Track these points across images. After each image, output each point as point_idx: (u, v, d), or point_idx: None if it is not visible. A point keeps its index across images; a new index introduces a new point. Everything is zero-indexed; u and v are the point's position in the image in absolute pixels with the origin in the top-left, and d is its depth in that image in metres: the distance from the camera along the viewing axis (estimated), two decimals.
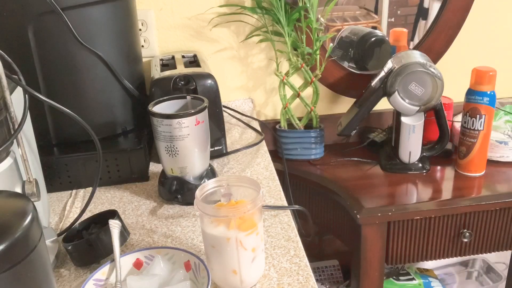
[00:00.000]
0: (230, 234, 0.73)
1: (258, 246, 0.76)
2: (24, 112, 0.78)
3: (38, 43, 1.02)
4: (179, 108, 1.01)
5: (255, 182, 0.77)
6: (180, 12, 1.47)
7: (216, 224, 0.74)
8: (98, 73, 1.09)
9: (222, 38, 1.51)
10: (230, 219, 0.73)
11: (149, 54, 1.46)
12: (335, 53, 1.61)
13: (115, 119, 1.15)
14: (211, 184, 0.78)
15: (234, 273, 0.75)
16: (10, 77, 0.76)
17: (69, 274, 0.83)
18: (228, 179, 0.79)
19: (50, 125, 1.09)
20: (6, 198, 0.64)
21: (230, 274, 0.75)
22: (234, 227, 0.73)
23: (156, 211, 1.01)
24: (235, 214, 0.73)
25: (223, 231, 0.73)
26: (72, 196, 1.07)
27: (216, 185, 0.79)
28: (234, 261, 0.74)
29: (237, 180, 0.79)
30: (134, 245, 0.90)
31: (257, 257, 0.76)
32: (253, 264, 0.75)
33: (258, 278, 0.79)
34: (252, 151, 1.25)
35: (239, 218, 0.73)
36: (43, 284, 0.61)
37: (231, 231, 0.73)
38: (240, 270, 0.75)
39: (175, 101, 1.02)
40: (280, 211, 0.99)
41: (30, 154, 0.83)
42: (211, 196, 0.78)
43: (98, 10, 1.05)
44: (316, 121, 1.56)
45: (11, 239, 0.54)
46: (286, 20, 1.41)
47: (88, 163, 1.07)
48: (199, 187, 0.77)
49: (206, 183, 0.78)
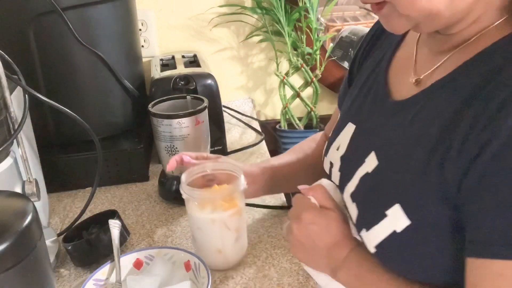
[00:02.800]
0: (214, 215, 0.78)
1: (241, 227, 0.81)
2: (24, 112, 0.78)
3: (38, 43, 1.02)
4: (179, 108, 1.01)
5: (237, 167, 0.83)
6: (180, 12, 1.47)
7: (202, 207, 0.79)
8: (98, 73, 1.09)
9: (222, 38, 1.51)
10: (214, 202, 0.78)
11: (149, 54, 1.46)
12: (335, 53, 1.61)
13: (115, 119, 1.15)
14: (196, 170, 0.83)
15: (219, 252, 0.80)
16: (10, 77, 0.76)
17: (69, 274, 0.83)
18: (212, 165, 0.85)
19: (50, 125, 1.09)
20: (6, 198, 0.64)
21: (215, 253, 0.80)
22: (218, 209, 0.78)
23: (156, 211, 1.01)
24: (218, 196, 0.78)
25: (208, 213, 0.78)
26: (72, 196, 1.07)
27: (201, 171, 0.84)
28: (219, 241, 0.80)
29: (219, 165, 0.85)
30: (134, 245, 0.90)
31: (240, 237, 0.81)
32: (236, 243, 0.81)
33: (241, 257, 0.83)
34: (252, 151, 1.25)
35: (222, 200, 0.78)
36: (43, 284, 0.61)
37: (215, 213, 0.78)
38: (224, 249, 0.80)
39: (175, 101, 1.02)
40: (280, 211, 0.99)
41: (30, 154, 0.83)
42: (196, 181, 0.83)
43: (98, 10, 1.05)
44: (316, 121, 1.56)
45: (11, 239, 0.54)
46: (286, 20, 1.41)
47: (88, 163, 1.07)
48: (184, 173, 0.82)
49: (191, 169, 0.83)
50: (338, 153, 0.72)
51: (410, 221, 0.56)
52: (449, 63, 0.59)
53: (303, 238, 0.67)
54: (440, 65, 0.60)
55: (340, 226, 0.66)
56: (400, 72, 0.67)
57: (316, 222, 0.66)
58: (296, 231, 0.67)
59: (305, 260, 0.69)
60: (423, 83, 0.62)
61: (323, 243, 0.65)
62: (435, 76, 0.60)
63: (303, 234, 0.67)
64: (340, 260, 0.64)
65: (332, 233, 0.65)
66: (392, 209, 0.57)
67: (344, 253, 0.64)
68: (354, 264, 0.64)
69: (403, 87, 0.65)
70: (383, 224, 0.58)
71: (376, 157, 0.63)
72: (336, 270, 0.65)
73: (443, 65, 0.60)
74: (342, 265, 0.64)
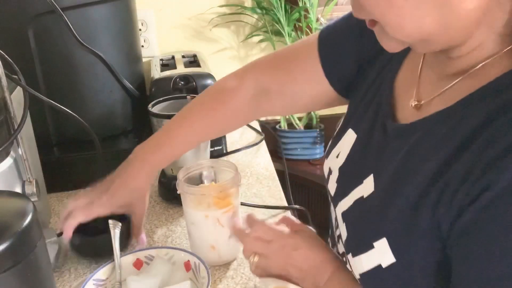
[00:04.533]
0: (208, 212, 0.79)
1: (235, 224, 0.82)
2: (24, 112, 0.78)
3: (38, 43, 1.02)
4: (179, 108, 1.01)
5: (232, 165, 0.84)
6: (180, 12, 1.47)
7: (197, 203, 0.80)
8: (98, 73, 1.08)
9: (222, 38, 1.51)
10: (208, 198, 0.79)
11: (149, 54, 1.46)
12: None
13: (115, 119, 1.15)
14: (193, 168, 0.85)
15: (212, 248, 0.81)
16: (10, 77, 0.76)
17: (69, 274, 0.83)
18: (207, 162, 0.88)
19: (50, 125, 1.09)
20: (6, 198, 0.64)
21: (209, 249, 0.82)
22: (212, 206, 0.79)
23: (156, 211, 1.01)
24: (211, 193, 0.80)
25: (202, 209, 0.80)
26: (72, 196, 1.07)
27: (198, 167, 0.86)
28: (212, 237, 0.81)
29: (215, 163, 0.88)
30: (134, 245, 0.90)
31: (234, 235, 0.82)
32: (230, 240, 0.80)
33: (236, 255, 0.84)
34: (252, 151, 1.25)
35: (216, 197, 0.79)
36: (43, 283, 0.61)
37: (209, 209, 0.79)
38: (218, 246, 0.82)
39: (175, 101, 1.02)
40: (280, 211, 0.99)
41: (30, 154, 0.83)
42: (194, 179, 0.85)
43: (98, 10, 1.05)
44: (316, 121, 1.56)
45: (11, 239, 0.54)
46: (286, 20, 1.41)
47: (88, 163, 1.07)
48: (181, 170, 0.83)
49: (188, 166, 0.85)
50: (337, 161, 0.70)
51: (395, 259, 0.54)
52: (452, 92, 0.55)
53: (287, 266, 0.67)
54: (442, 92, 0.56)
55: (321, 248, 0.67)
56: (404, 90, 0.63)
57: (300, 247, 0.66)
58: (277, 260, 0.67)
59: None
60: (423, 109, 0.59)
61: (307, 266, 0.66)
62: (436, 104, 0.56)
63: (286, 262, 0.66)
64: (323, 281, 0.65)
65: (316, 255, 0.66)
66: (380, 242, 0.56)
67: (326, 275, 0.65)
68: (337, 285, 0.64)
69: (405, 108, 0.62)
70: (369, 254, 0.57)
71: (373, 182, 0.61)
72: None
73: (445, 93, 0.56)
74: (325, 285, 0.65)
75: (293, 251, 0.66)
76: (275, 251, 0.67)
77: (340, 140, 0.71)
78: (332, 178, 0.71)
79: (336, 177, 0.70)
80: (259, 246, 0.69)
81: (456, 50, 0.53)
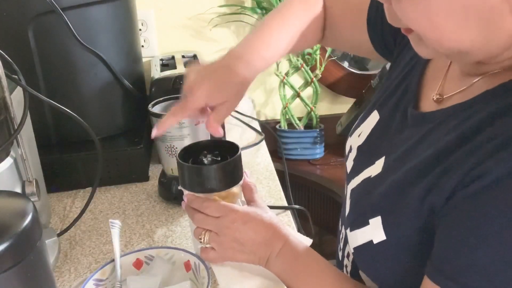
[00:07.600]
0: None
1: None
2: (24, 112, 0.78)
3: (38, 43, 1.02)
4: None
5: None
6: (180, 12, 1.47)
7: None
8: (98, 73, 1.09)
9: (222, 38, 1.51)
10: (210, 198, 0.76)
11: (149, 54, 1.46)
12: (335, 53, 1.61)
13: (115, 119, 1.15)
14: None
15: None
16: (10, 77, 0.76)
17: (69, 274, 0.83)
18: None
19: (50, 125, 1.09)
20: (6, 198, 0.64)
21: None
22: None
23: (156, 211, 1.01)
24: None
25: None
26: (72, 196, 1.07)
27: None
28: None
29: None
30: (134, 245, 0.90)
31: None
32: None
33: None
34: (252, 151, 1.25)
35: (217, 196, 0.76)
36: (43, 283, 0.61)
37: None
38: None
39: (175, 101, 1.02)
40: (280, 211, 0.99)
41: (30, 154, 0.83)
42: None
43: (98, 10, 1.05)
44: (316, 121, 1.56)
45: (11, 239, 0.54)
46: None
47: (88, 163, 1.07)
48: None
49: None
50: (358, 140, 0.72)
51: (385, 237, 0.57)
52: (472, 89, 0.56)
53: (240, 240, 0.68)
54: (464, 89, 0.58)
55: (272, 220, 0.69)
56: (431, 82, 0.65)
57: (250, 220, 0.68)
58: (228, 235, 0.68)
59: (233, 260, 0.70)
60: (443, 103, 0.60)
61: (260, 238, 0.67)
62: (455, 99, 0.58)
63: (237, 236, 0.68)
64: (275, 252, 0.66)
65: (267, 227, 0.68)
66: (375, 220, 0.59)
67: (278, 246, 0.66)
68: (288, 257, 0.66)
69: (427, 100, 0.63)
70: (364, 230, 0.60)
71: (383, 163, 0.63)
72: (269, 264, 0.67)
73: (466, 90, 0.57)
74: (275, 259, 0.66)
75: (243, 224, 0.67)
76: (225, 226, 0.68)
77: (365, 121, 0.74)
78: (351, 156, 0.73)
79: (354, 156, 0.72)
80: (209, 222, 0.69)
81: (491, 59, 0.53)
